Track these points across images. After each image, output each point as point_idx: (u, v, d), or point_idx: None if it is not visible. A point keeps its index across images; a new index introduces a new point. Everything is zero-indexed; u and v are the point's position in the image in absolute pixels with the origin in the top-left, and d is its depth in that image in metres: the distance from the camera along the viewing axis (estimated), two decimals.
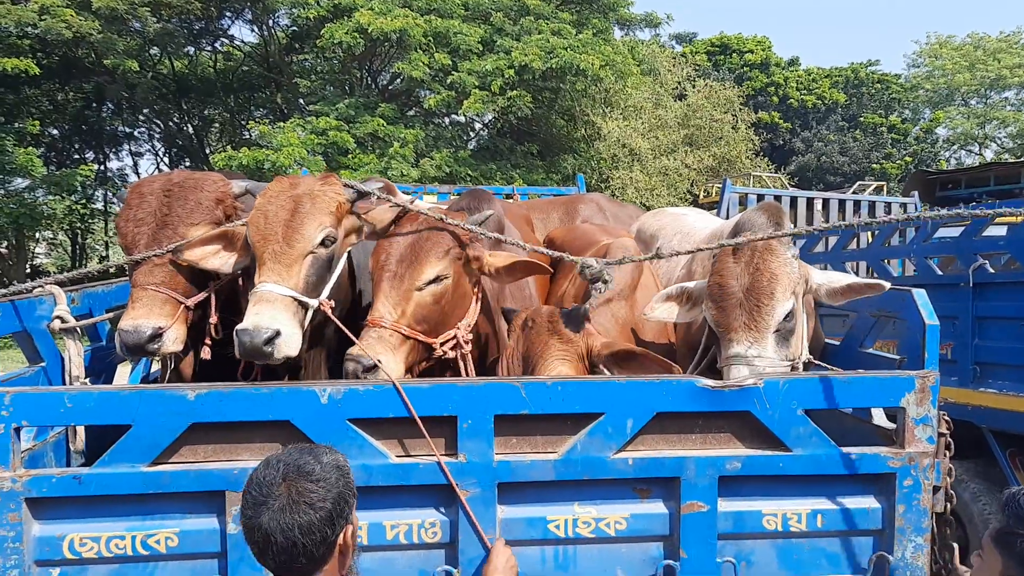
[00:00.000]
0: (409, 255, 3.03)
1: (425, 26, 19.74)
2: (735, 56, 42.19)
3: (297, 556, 1.83)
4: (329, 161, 19.00)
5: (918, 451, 2.80)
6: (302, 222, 2.87)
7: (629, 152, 24.17)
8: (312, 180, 3.05)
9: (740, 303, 3.13)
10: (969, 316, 5.92)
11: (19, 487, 2.55)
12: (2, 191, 22.61)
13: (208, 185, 3.12)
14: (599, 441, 2.72)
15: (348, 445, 2.64)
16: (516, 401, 2.69)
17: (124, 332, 2.79)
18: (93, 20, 19.81)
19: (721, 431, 2.82)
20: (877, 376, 2.85)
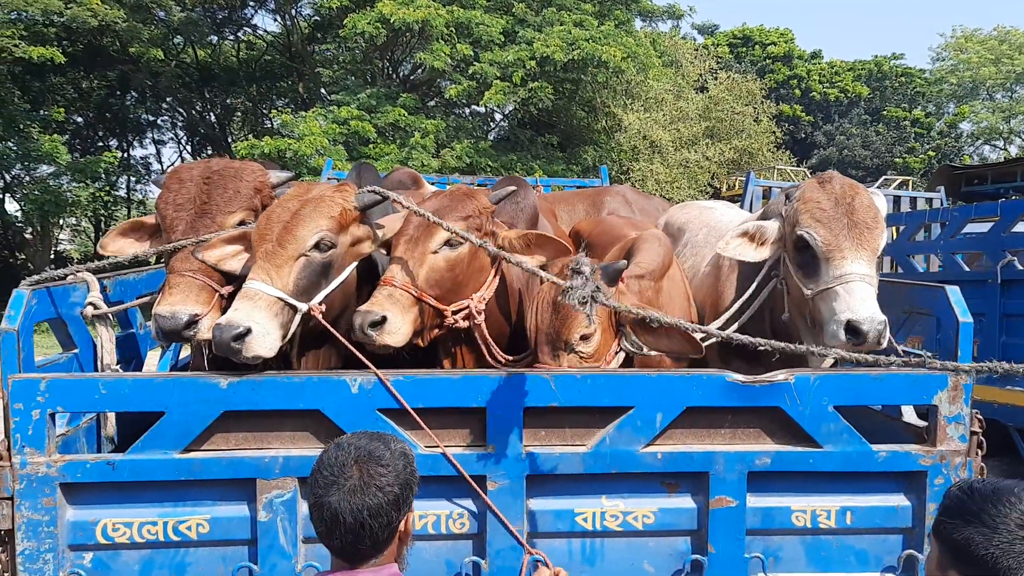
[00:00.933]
0: (426, 221, 3.02)
1: (447, 16, 19.71)
2: (757, 48, 41.87)
3: (363, 538, 1.87)
4: (350, 150, 19.03)
5: (950, 449, 2.78)
6: (297, 224, 2.86)
7: (650, 144, 24.07)
8: (326, 187, 3.05)
9: (848, 225, 3.05)
10: (996, 313, 5.89)
11: (54, 472, 2.58)
12: (27, 178, 22.85)
13: (247, 174, 3.13)
14: (628, 434, 2.72)
15: None
16: (546, 393, 2.70)
17: (161, 317, 2.80)
18: (118, 9, 19.94)
19: (751, 426, 2.82)
20: (909, 373, 2.83)
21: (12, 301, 2.73)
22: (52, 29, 20.39)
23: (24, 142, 20.61)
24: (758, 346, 2.45)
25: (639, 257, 3.46)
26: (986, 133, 38.99)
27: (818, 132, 40.49)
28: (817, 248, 3.04)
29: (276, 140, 19.03)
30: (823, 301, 2.98)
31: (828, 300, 2.95)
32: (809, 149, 39.91)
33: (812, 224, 3.06)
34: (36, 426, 2.57)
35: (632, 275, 3.33)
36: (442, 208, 3.12)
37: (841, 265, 2.98)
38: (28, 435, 2.57)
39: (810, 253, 3.06)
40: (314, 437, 2.71)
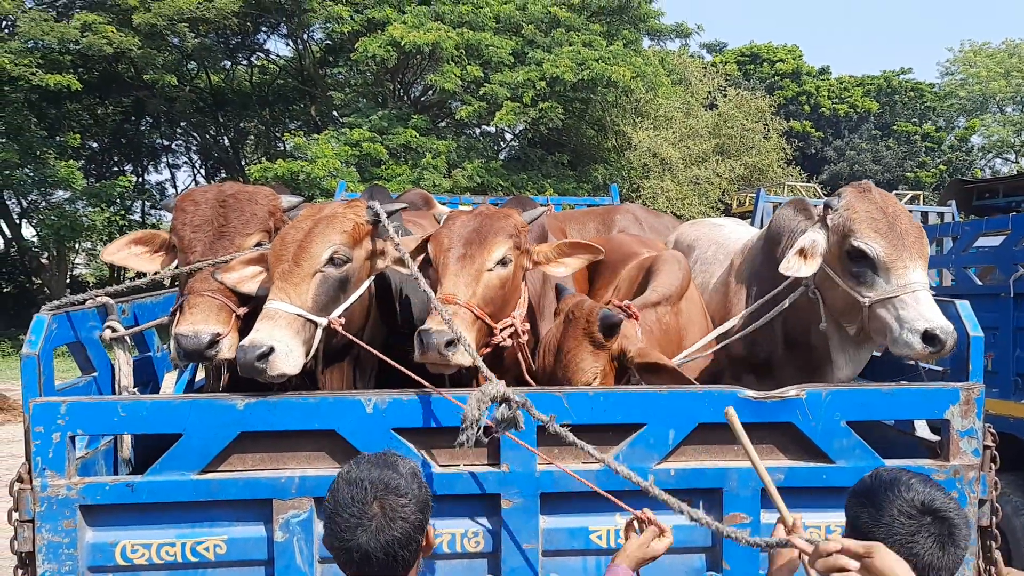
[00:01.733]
0: (477, 237, 3.06)
1: (457, 39, 19.88)
2: (766, 65, 41.98)
3: (396, 568, 1.91)
4: (363, 172, 19.17)
5: (963, 464, 2.78)
6: (311, 241, 2.89)
7: (660, 162, 24.12)
8: (337, 204, 3.08)
9: (902, 234, 3.09)
10: (1010, 327, 5.86)
11: (74, 494, 2.61)
12: (44, 203, 23.10)
13: (261, 197, 3.18)
14: (641, 452, 2.74)
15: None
16: (559, 411, 2.72)
17: (183, 337, 2.82)
18: (133, 36, 20.19)
19: (763, 442, 2.82)
20: (921, 388, 2.83)
21: (33, 326, 2.77)
22: (68, 57, 20.68)
23: (41, 168, 20.85)
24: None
25: (656, 281, 3.47)
26: (997, 146, 38.87)
27: (828, 148, 40.46)
28: (877, 258, 3.06)
29: (289, 163, 19.20)
30: (886, 309, 3.01)
31: (894, 308, 3.00)
32: (820, 165, 39.88)
33: (870, 235, 3.09)
34: (56, 449, 2.61)
35: (648, 303, 3.34)
36: (487, 226, 3.15)
37: (904, 274, 3.03)
38: (49, 458, 2.61)
39: (867, 263, 3.09)
40: (330, 457, 2.74)
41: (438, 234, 3.17)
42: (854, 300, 3.09)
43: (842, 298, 3.16)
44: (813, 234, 3.26)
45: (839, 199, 3.26)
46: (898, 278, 3.03)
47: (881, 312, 3.02)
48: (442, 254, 3.10)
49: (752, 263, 3.76)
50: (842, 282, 3.13)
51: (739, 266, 3.89)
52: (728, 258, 4.08)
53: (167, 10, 19.61)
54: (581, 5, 22.01)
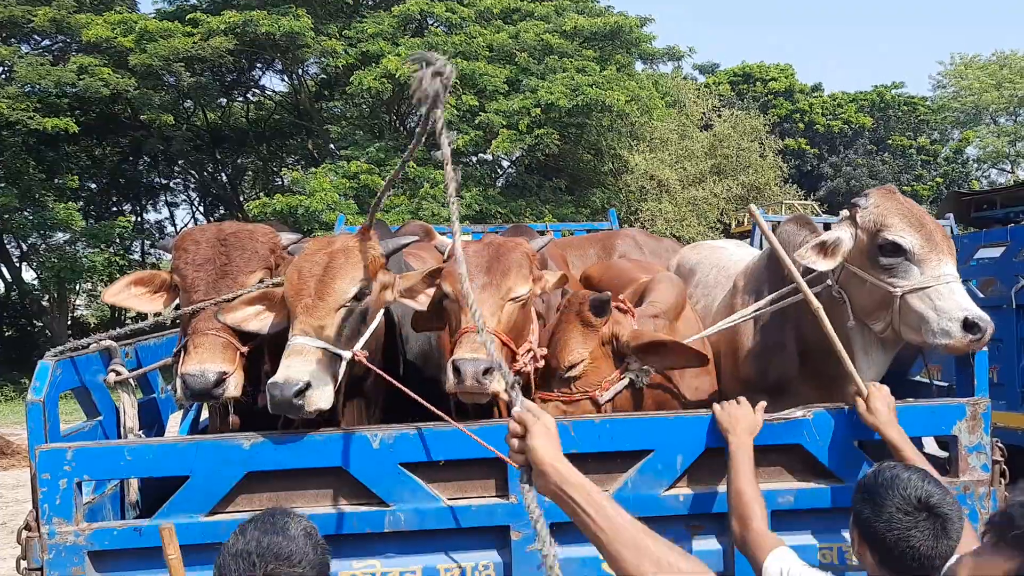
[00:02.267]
0: (498, 267, 3.06)
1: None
2: (759, 84, 42.21)
3: None
4: (361, 204, 19.24)
5: (973, 480, 2.77)
6: (335, 276, 2.87)
7: (657, 184, 24.22)
8: (348, 236, 3.06)
9: (932, 231, 3.12)
10: (1014, 338, 5.87)
11: (82, 540, 2.60)
12: (43, 246, 23.16)
13: (261, 235, 3.19)
14: (650, 478, 2.73)
15: (400, 489, 2.67)
16: (566, 440, 2.69)
17: (190, 377, 2.81)
18: (129, 77, 20.35)
19: (772, 464, 2.82)
20: (928, 404, 2.83)
21: (37, 372, 2.77)
22: (65, 100, 20.82)
23: (40, 211, 20.93)
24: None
25: (652, 297, 3.51)
26: (992, 157, 39.06)
27: (824, 164, 40.59)
28: (912, 250, 3.08)
29: (288, 197, 19.28)
30: (922, 300, 3.01)
31: (929, 299, 3.00)
32: (816, 181, 39.99)
33: (905, 228, 3.11)
34: (64, 495, 2.60)
35: (646, 315, 3.37)
36: (505, 256, 3.14)
37: (938, 267, 3.04)
38: (56, 505, 2.60)
39: (901, 254, 3.09)
40: (338, 494, 2.73)
41: (451, 266, 3.11)
42: (884, 293, 3.09)
43: (870, 293, 3.16)
44: (838, 231, 3.28)
45: (866, 199, 3.29)
46: (932, 269, 3.05)
47: (915, 303, 3.02)
48: (464, 284, 3.08)
49: (757, 282, 3.76)
50: (871, 276, 3.14)
51: (743, 287, 3.88)
52: (730, 280, 4.08)
53: (162, 50, 19.77)
54: (573, 32, 22.19)
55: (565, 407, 3.05)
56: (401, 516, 2.67)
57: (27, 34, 21.87)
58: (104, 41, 20.03)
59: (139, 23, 20.45)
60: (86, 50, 20.85)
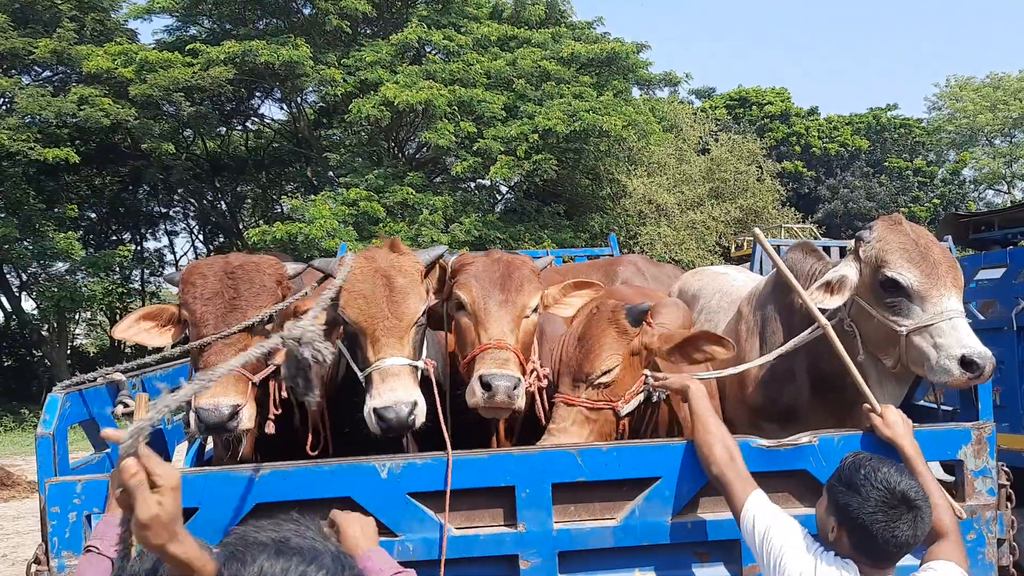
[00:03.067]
0: (513, 284, 3.11)
1: (449, 96, 20.18)
2: (755, 108, 42.47)
3: None
4: (360, 231, 19.31)
5: (979, 504, 2.78)
6: (406, 295, 2.96)
7: (655, 208, 24.33)
8: (388, 254, 3.10)
9: (935, 263, 3.12)
10: (1015, 360, 5.87)
11: None
12: (43, 275, 23.20)
13: (268, 267, 3.18)
14: (657, 505, 2.73)
15: (409, 519, 2.68)
16: (573, 468, 2.72)
17: (204, 411, 2.81)
18: (130, 107, 20.49)
19: (778, 490, 2.82)
20: (933, 429, 2.84)
21: (47, 406, 2.78)
22: (65, 130, 20.95)
23: (40, 241, 20.99)
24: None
25: (659, 320, 3.51)
26: (989, 178, 39.27)
27: (822, 187, 40.76)
28: (911, 288, 3.09)
29: (287, 225, 19.35)
30: (923, 337, 3.03)
31: (931, 336, 3.01)
32: (814, 204, 40.13)
33: (904, 265, 3.12)
34: (73, 529, 2.60)
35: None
36: (518, 273, 3.19)
37: (940, 302, 3.05)
38: (65, 538, 2.60)
39: (902, 293, 3.10)
40: None
41: (467, 280, 3.16)
42: (890, 330, 3.11)
43: (878, 329, 3.17)
44: (844, 268, 3.28)
45: (870, 232, 3.29)
46: (933, 306, 3.06)
47: (918, 341, 3.04)
48: (481, 298, 3.10)
49: (763, 310, 3.77)
50: (877, 313, 3.14)
51: (748, 314, 3.89)
52: (734, 306, 4.09)
53: (163, 80, 19.92)
54: (570, 58, 22.38)
55: (588, 413, 3.02)
56: (410, 546, 2.67)
57: (28, 65, 22.08)
58: (104, 72, 20.19)
59: (139, 54, 20.62)
60: (87, 81, 21.01)
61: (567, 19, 25.47)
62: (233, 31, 22.70)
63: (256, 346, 2.20)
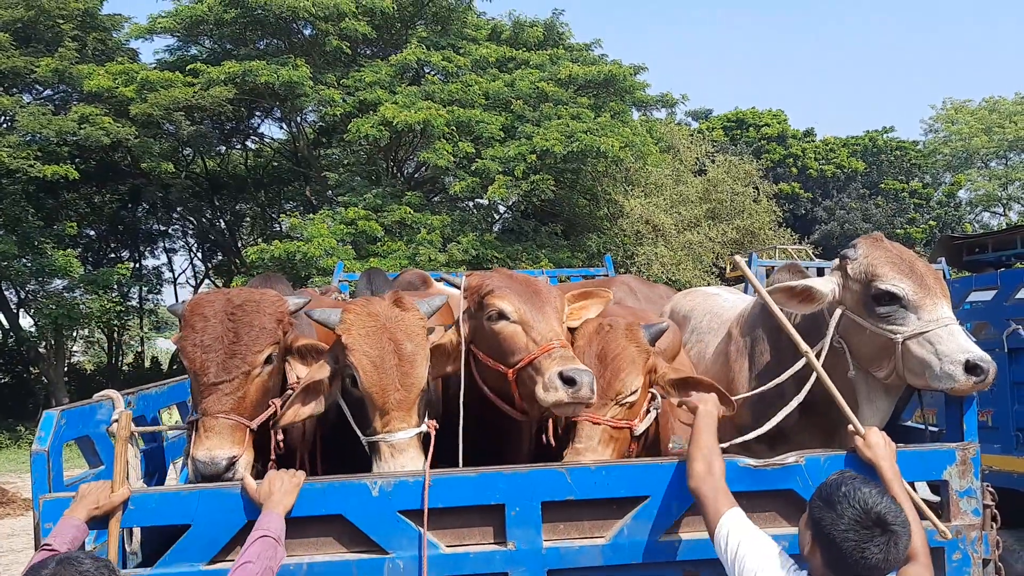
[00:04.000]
0: (548, 292, 3.24)
1: (448, 116, 20.29)
2: (751, 130, 42.65)
3: None
4: (359, 250, 19.36)
5: (964, 524, 2.81)
6: (415, 364, 2.98)
7: (652, 228, 24.39)
8: (392, 310, 3.09)
9: (923, 274, 3.20)
10: (1007, 382, 5.91)
11: None
12: (41, 292, 23.18)
13: (268, 306, 3.16)
14: (646, 524, 2.76)
15: (399, 536, 2.71)
16: (562, 487, 2.76)
17: (200, 463, 2.83)
18: (130, 126, 20.56)
19: (766, 510, 2.86)
20: (917, 449, 2.88)
21: (42, 423, 2.82)
22: (65, 148, 21.02)
23: (38, 258, 20.99)
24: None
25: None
26: (984, 201, 39.39)
27: (818, 208, 40.88)
28: (906, 297, 3.14)
29: (285, 243, 19.38)
30: (921, 345, 3.07)
31: (930, 344, 3.06)
32: (810, 225, 40.24)
33: (896, 276, 3.18)
34: None
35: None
36: (546, 285, 3.32)
37: (934, 310, 3.12)
38: None
39: (896, 302, 3.15)
40: (337, 542, 2.76)
41: (503, 291, 3.19)
42: (885, 340, 3.14)
43: (870, 342, 3.21)
44: (815, 281, 3.34)
45: (855, 250, 3.35)
46: (928, 313, 3.11)
47: (916, 349, 3.08)
48: (525, 303, 3.15)
49: (752, 331, 3.81)
50: (870, 325, 3.18)
51: (737, 334, 3.94)
52: (724, 327, 4.13)
53: (163, 100, 20.01)
54: (568, 80, 22.52)
55: (612, 432, 3.03)
56: (400, 563, 2.70)
57: (29, 84, 22.17)
58: (105, 91, 20.28)
59: (140, 73, 20.72)
60: (87, 99, 21.10)
61: (565, 41, 25.61)
62: (234, 51, 22.82)
63: None
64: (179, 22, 22.27)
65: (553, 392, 2.85)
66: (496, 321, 3.15)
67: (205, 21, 22.10)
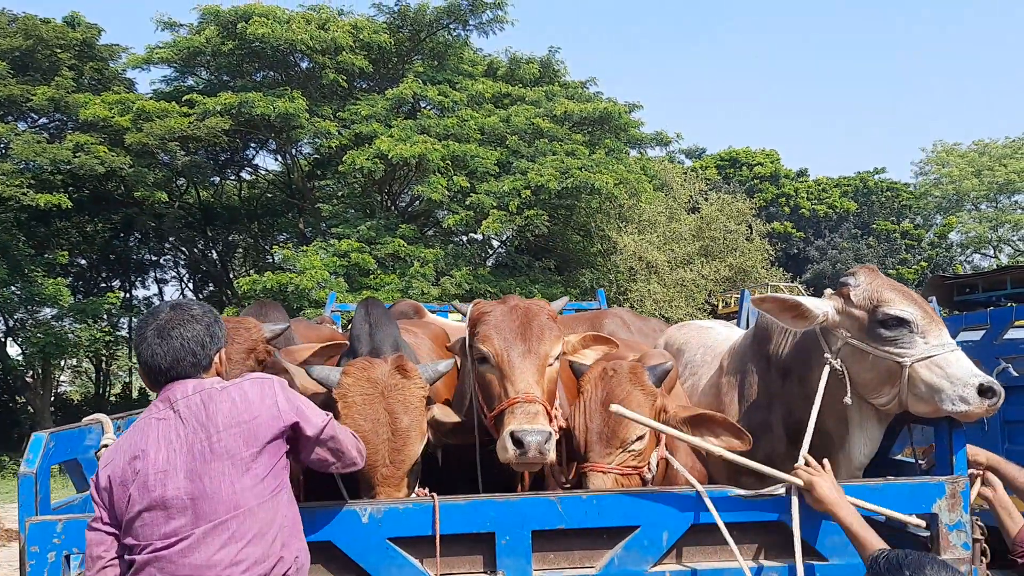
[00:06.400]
0: (534, 333, 3.13)
1: (443, 150, 20.41)
2: (745, 169, 43.08)
3: (185, 356, 2.40)
4: (351, 282, 19.35)
5: (954, 558, 2.81)
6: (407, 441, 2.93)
7: (646, 265, 24.49)
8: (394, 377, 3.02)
9: (923, 303, 3.25)
10: (997, 421, 5.93)
11: None
12: (30, 321, 23.05)
13: (240, 336, 3.13)
14: (636, 554, 2.75)
15: (388, 564, 2.69)
16: (553, 516, 2.75)
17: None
18: (125, 155, 20.61)
19: (754, 541, 2.85)
20: (908, 482, 2.88)
21: (30, 445, 2.80)
22: (59, 177, 21.04)
23: (28, 286, 20.91)
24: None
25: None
26: (975, 242, 39.67)
27: (810, 247, 41.18)
28: (915, 322, 3.16)
29: (278, 275, 19.38)
30: (930, 369, 3.08)
31: (939, 367, 3.07)
32: (803, 264, 40.48)
33: (902, 302, 3.21)
34: (52, 569, 2.61)
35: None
36: (538, 321, 3.20)
37: (939, 336, 3.14)
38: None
39: (904, 327, 3.17)
40: (325, 569, 2.74)
41: (488, 332, 3.15)
42: (891, 365, 3.15)
43: (874, 367, 3.21)
44: (812, 300, 3.36)
45: (855, 278, 3.38)
46: (935, 339, 3.13)
47: (925, 373, 3.08)
48: (504, 350, 3.09)
49: (742, 362, 3.83)
50: (874, 350, 3.19)
51: (728, 366, 3.95)
52: (717, 360, 4.14)
53: (158, 129, 20.08)
54: (563, 116, 22.72)
55: (621, 479, 2.99)
56: None
57: (25, 112, 22.24)
58: (101, 120, 20.36)
59: (136, 103, 20.82)
60: (83, 128, 21.17)
61: (561, 78, 25.87)
62: (230, 83, 22.98)
63: None
64: (177, 53, 22.43)
65: (503, 452, 2.87)
66: (480, 364, 3.16)
67: (202, 52, 22.27)
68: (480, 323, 3.21)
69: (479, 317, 3.24)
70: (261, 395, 2.37)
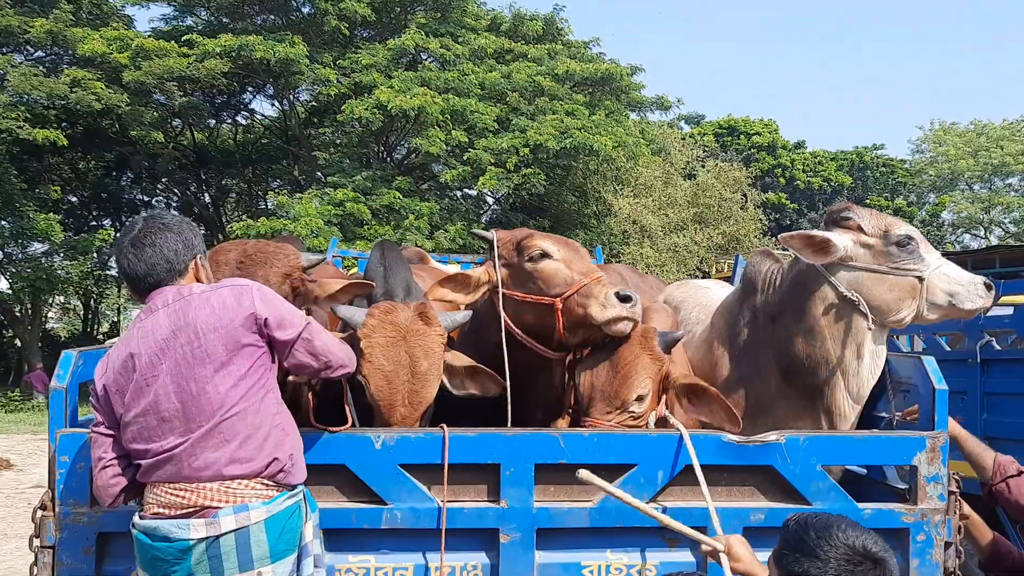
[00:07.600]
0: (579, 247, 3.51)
1: (443, 104, 20.36)
2: (743, 138, 42.99)
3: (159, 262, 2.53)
4: (345, 232, 19.41)
5: (930, 508, 2.97)
6: (425, 383, 3.11)
7: (640, 229, 24.59)
8: (416, 323, 3.13)
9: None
10: (978, 391, 6.10)
11: (95, 522, 2.74)
12: (20, 255, 23.05)
13: (278, 260, 3.15)
14: (631, 491, 2.89)
15: (399, 488, 2.84)
16: (555, 451, 2.89)
17: None
18: (122, 93, 20.46)
19: (745, 484, 3.01)
20: (890, 435, 3.04)
21: (61, 361, 2.92)
22: (53, 112, 20.88)
23: (19, 220, 20.86)
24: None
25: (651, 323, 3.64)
26: (966, 223, 39.89)
27: (803, 220, 41.29)
28: (918, 240, 3.49)
29: (272, 221, 19.40)
30: (941, 278, 3.43)
31: (947, 276, 3.44)
32: None
33: (904, 224, 3.56)
34: (80, 478, 2.74)
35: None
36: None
37: (931, 250, 3.52)
38: (72, 487, 2.74)
39: (911, 245, 3.46)
40: (338, 491, 2.89)
41: (540, 237, 3.39)
42: (911, 280, 3.42)
43: (895, 286, 3.44)
44: (834, 235, 3.52)
45: (853, 212, 3.63)
46: (932, 254, 3.49)
47: (939, 281, 3.41)
48: (568, 248, 3.39)
49: (731, 315, 3.96)
50: (894, 269, 3.44)
51: (717, 321, 4.09)
52: (710, 317, 4.28)
53: (157, 69, 19.93)
54: (565, 76, 22.65)
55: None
56: (398, 514, 2.83)
57: (21, 44, 22.01)
58: (99, 56, 20.18)
59: (135, 41, 20.63)
60: (80, 63, 20.98)
61: (564, 37, 25.73)
62: (230, 25, 22.78)
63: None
64: None
65: (612, 308, 3.09)
66: (539, 260, 3.30)
67: None
68: (523, 233, 3.44)
69: (516, 232, 3.49)
70: (238, 300, 2.46)
